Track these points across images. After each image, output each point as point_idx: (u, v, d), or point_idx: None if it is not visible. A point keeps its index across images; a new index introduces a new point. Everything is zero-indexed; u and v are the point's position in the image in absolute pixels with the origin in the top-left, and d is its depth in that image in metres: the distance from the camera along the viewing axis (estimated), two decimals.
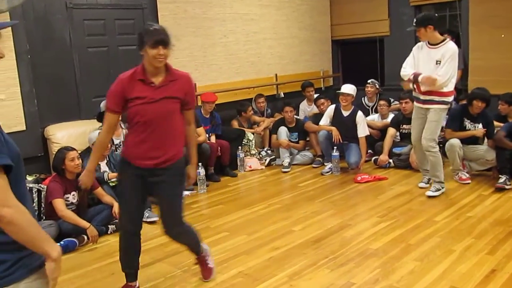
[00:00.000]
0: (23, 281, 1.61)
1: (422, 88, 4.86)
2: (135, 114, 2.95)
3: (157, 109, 2.94)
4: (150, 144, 2.98)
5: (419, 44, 5.07)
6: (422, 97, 4.93)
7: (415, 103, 5.14)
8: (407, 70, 4.98)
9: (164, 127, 2.98)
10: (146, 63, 2.98)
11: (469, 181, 5.44)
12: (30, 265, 1.63)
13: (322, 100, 7.03)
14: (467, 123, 5.53)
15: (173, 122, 3.01)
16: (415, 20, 4.89)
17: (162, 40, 2.91)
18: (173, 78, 3.03)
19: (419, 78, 4.79)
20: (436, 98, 4.84)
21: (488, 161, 5.46)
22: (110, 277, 3.60)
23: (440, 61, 4.77)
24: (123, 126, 5.40)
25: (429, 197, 5.04)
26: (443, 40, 4.84)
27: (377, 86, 7.33)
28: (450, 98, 4.92)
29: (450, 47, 4.79)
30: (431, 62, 4.82)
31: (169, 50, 2.95)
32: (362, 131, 6.23)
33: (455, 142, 5.41)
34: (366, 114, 6.79)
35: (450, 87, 4.84)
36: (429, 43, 4.89)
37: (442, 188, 5.13)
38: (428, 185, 5.31)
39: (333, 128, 6.26)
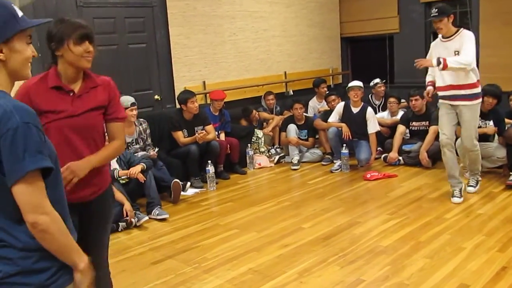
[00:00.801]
0: None
1: (448, 81, 4.62)
2: (48, 133, 1.83)
3: (79, 125, 2.30)
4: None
5: (435, 41, 4.87)
6: (447, 92, 4.69)
7: (441, 101, 4.84)
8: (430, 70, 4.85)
9: (91, 149, 2.34)
10: (63, 65, 2.29)
11: (480, 179, 5.40)
12: (71, 272, 1.61)
13: (333, 97, 7.02)
14: (478, 120, 5.49)
15: (98, 142, 2.38)
16: (435, 10, 4.60)
17: (89, 34, 2.30)
18: (94, 84, 2.39)
19: (441, 60, 4.44)
20: (463, 92, 4.61)
21: (499, 158, 5.43)
22: (121, 274, 3.62)
23: (458, 51, 4.54)
24: (136, 124, 5.44)
25: (470, 193, 5.00)
26: (457, 31, 4.63)
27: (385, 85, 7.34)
28: (478, 89, 4.68)
29: (466, 33, 4.57)
30: (450, 54, 4.58)
31: (95, 47, 2.36)
32: (373, 127, 6.24)
33: None
34: (374, 112, 6.77)
35: (473, 77, 4.60)
36: (443, 37, 4.70)
37: (480, 179, 5.13)
38: (477, 187, 5.11)
39: (343, 125, 6.26)
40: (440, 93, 4.79)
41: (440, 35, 4.76)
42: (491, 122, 5.46)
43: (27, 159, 1.43)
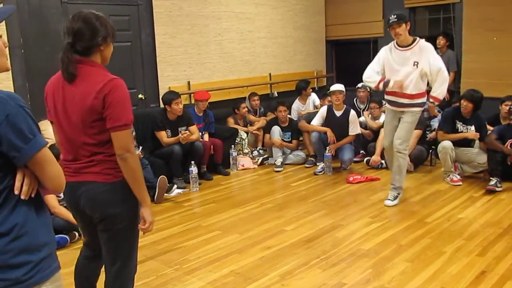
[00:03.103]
0: (43, 285, 1.61)
1: (404, 90, 4.66)
2: None
3: None
4: None
5: (386, 47, 4.92)
6: (401, 100, 4.74)
7: (388, 105, 4.97)
8: (373, 77, 4.84)
9: None
10: (98, 60, 2.41)
11: (461, 183, 5.47)
12: (49, 268, 1.64)
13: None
14: (460, 125, 5.56)
15: None
16: (394, 16, 4.66)
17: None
18: None
19: (390, 84, 4.65)
20: (414, 101, 4.72)
21: (480, 164, 5.49)
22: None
23: (417, 62, 4.61)
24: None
25: (388, 206, 4.89)
26: (414, 41, 4.69)
27: (368, 90, 7.36)
28: (424, 99, 4.80)
29: (425, 45, 4.66)
30: (408, 64, 4.65)
31: None
32: (354, 130, 6.33)
33: (447, 144, 5.44)
34: (358, 116, 6.81)
35: (422, 86, 4.71)
36: (398, 44, 4.75)
37: (399, 194, 5.00)
38: (396, 201, 4.97)
39: (328, 129, 6.29)
40: (391, 98, 4.87)
41: (394, 42, 4.81)
42: (473, 127, 5.53)
43: (37, 136, 1.56)
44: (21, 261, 1.55)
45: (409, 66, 4.66)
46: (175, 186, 5.55)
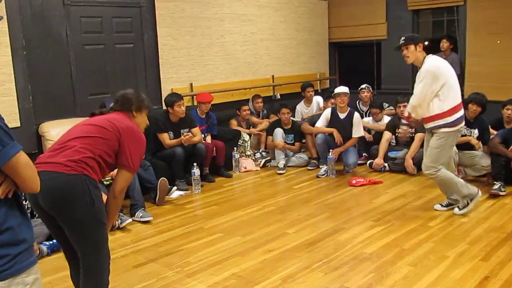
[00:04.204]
0: (19, 276, 1.74)
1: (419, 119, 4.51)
2: None
3: None
4: None
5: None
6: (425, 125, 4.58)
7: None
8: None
9: None
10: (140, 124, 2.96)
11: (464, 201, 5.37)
12: (26, 261, 1.77)
13: (333, 100, 6.96)
14: (463, 129, 5.52)
15: None
16: (403, 38, 4.47)
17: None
18: None
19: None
20: (434, 124, 4.44)
21: (483, 167, 5.47)
22: None
23: None
24: None
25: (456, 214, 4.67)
26: (424, 59, 4.43)
27: (371, 90, 7.36)
28: (451, 118, 4.37)
29: (425, 65, 4.37)
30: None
31: None
32: (358, 132, 6.32)
33: None
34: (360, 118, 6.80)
35: (433, 109, 4.38)
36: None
37: (470, 202, 4.65)
38: (445, 207, 4.81)
39: (334, 130, 6.28)
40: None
41: None
42: (476, 131, 5.51)
43: (7, 146, 1.66)
44: (0, 254, 1.69)
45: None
46: (174, 188, 5.53)
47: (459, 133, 4.63)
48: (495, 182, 5.22)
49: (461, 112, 4.47)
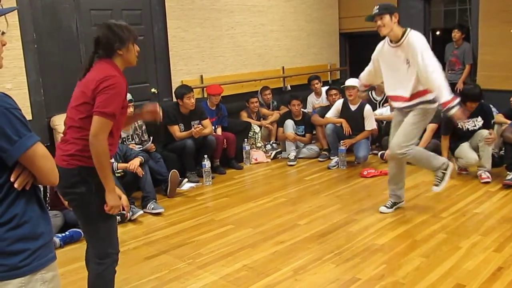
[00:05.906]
0: (39, 272, 1.70)
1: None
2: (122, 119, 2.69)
3: None
4: None
5: (379, 46, 4.44)
6: (396, 104, 4.30)
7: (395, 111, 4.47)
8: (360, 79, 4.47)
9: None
10: (120, 63, 2.63)
11: (489, 180, 5.24)
12: (46, 257, 1.73)
13: (335, 91, 7.05)
14: (464, 123, 5.38)
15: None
16: (377, 7, 4.13)
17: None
18: None
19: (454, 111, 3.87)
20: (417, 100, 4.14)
21: (488, 139, 5.24)
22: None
23: (409, 60, 4.01)
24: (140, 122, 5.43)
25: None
26: (404, 33, 4.06)
27: None
28: (432, 96, 4.05)
29: (413, 38, 3.99)
30: (401, 64, 4.08)
31: None
32: (370, 125, 6.29)
33: (465, 146, 5.40)
34: (374, 108, 6.76)
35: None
36: (391, 41, 4.18)
37: (445, 172, 4.31)
38: (391, 209, 4.56)
39: (343, 120, 6.26)
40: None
41: (387, 39, 4.26)
42: (479, 118, 5.39)
43: (24, 137, 1.63)
44: (18, 249, 1.64)
45: (403, 66, 4.09)
46: (185, 180, 5.54)
47: (434, 112, 4.30)
48: (508, 173, 5.16)
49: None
